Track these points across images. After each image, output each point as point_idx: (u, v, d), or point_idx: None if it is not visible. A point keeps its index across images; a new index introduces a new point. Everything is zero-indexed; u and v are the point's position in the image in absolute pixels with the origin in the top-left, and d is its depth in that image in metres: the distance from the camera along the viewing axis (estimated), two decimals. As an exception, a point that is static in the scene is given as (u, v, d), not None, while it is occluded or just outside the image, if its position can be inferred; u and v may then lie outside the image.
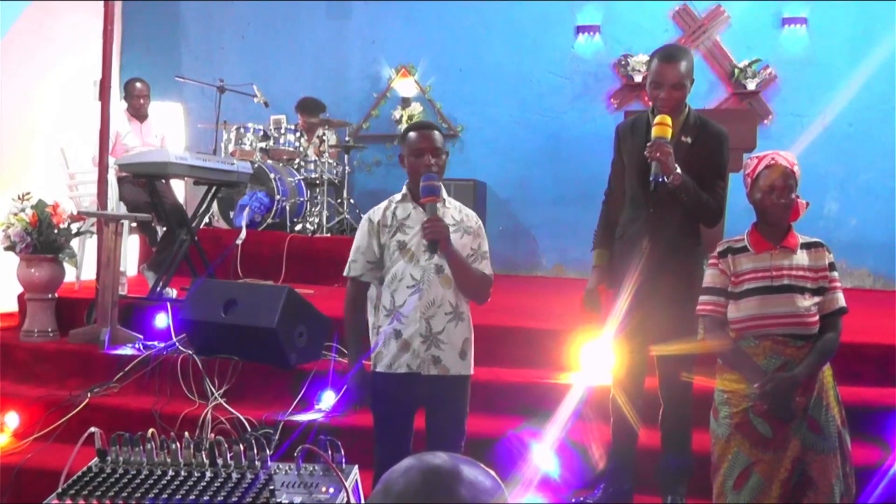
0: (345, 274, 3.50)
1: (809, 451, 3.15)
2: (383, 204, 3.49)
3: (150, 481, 2.46)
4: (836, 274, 3.29)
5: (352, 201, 8.46)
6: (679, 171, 3.53)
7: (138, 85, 7.26)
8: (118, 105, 7.28)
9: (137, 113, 7.25)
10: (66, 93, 8.09)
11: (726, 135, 3.77)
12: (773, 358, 3.19)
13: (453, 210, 3.44)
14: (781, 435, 3.16)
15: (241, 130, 8.25)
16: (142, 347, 5.22)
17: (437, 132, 3.41)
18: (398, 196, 3.47)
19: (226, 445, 2.53)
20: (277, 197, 7.77)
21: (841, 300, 3.26)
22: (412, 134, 3.40)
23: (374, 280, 3.45)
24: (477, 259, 3.42)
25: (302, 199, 8.16)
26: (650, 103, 3.81)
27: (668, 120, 3.57)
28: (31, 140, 7.67)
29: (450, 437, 3.43)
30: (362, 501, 2.43)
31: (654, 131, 3.57)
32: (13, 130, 7.39)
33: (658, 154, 3.51)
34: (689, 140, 3.69)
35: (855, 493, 3.27)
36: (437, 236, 3.21)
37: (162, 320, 5.38)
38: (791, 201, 3.23)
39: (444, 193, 3.42)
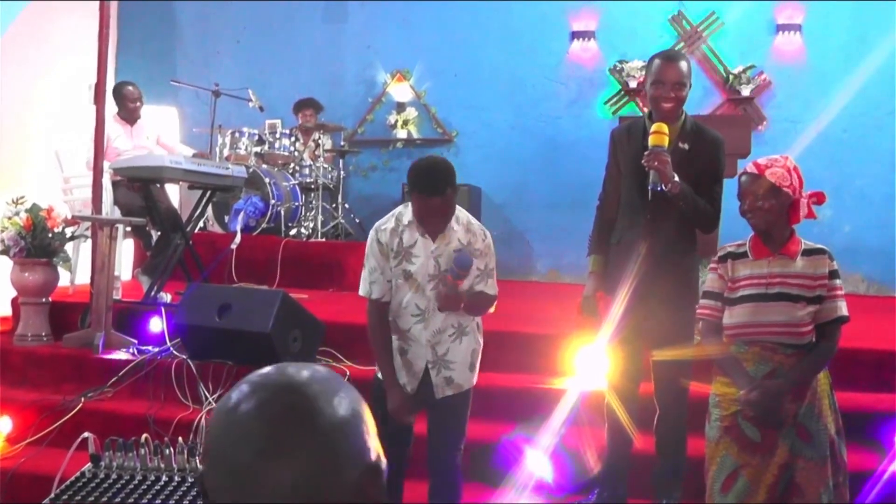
0: (364, 295, 3.43)
1: (798, 458, 3.13)
2: (390, 223, 3.39)
3: (144, 486, 2.46)
4: (837, 282, 3.21)
5: (347, 206, 8.46)
6: (677, 178, 3.53)
7: (130, 88, 7.20)
8: (111, 109, 7.26)
9: (130, 116, 7.19)
10: (62, 96, 8.08)
11: (723, 141, 3.78)
12: (761, 364, 3.17)
13: (460, 231, 3.37)
14: (770, 440, 3.14)
15: (237, 135, 8.24)
16: (136, 352, 5.21)
17: (447, 193, 3.21)
18: (405, 218, 3.37)
19: (220, 450, 2.52)
20: (272, 201, 7.76)
21: (841, 309, 3.19)
22: (416, 196, 3.22)
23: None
24: (483, 278, 3.41)
25: (297, 203, 8.15)
26: (646, 109, 3.81)
27: (665, 128, 3.58)
28: (26, 143, 7.65)
29: (450, 445, 3.45)
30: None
31: (651, 140, 3.57)
32: (9, 133, 7.38)
33: (656, 163, 3.51)
34: (686, 146, 3.69)
35: (849, 500, 3.27)
36: (448, 309, 3.28)
37: (156, 325, 5.36)
38: (768, 207, 3.17)
39: (456, 211, 3.38)
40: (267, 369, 1.21)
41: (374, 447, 1.22)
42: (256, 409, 1.14)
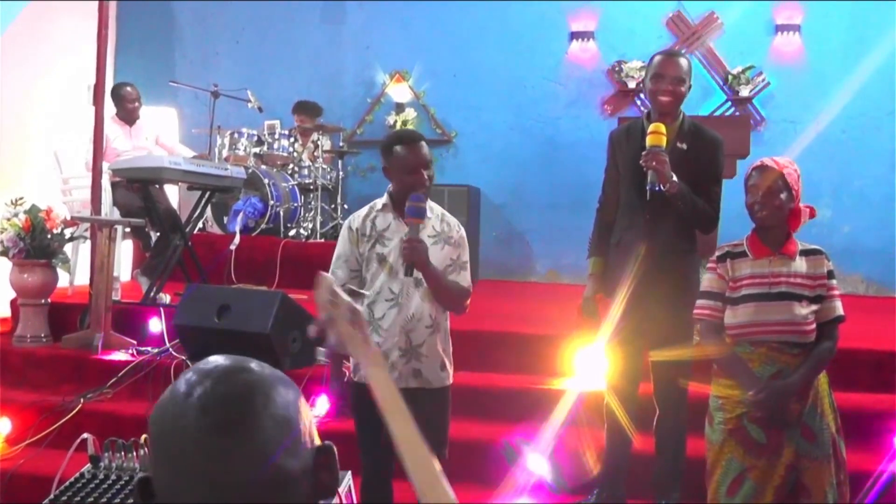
0: None
1: (803, 459, 3.15)
2: (364, 210, 3.44)
3: (143, 487, 2.45)
4: (834, 282, 3.27)
5: (346, 206, 8.44)
6: (675, 178, 3.54)
7: (128, 89, 7.21)
8: (110, 109, 7.26)
9: (129, 117, 7.20)
10: (61, 97, 8.08)
11: (721, 141, 3.79)
12: (767, 365, 3.18)
13: (435, 220, 3.39)
14: (775, 441, 3.15)
15: (236, 135, 8.23)
16: (135, 353, 5.20)
17: (424, 142, 3.34)
18: (379, 204, 3.41)
19: (219, 451, 2.52)
20: (271, 202, 7.75)
21: (839, 308, 3.24)
22: (400, 148, 3.29)
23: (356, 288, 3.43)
24: (455, 270, 3.40)
25: (296, 204, 8.14)
26: (644, 110, 3.82)
27: (663, 128, 3.59)
28: (25, 144, 7.65)
29: (432, 448, 3.42)
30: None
31: (649, 140, 3.58)
32: (8, 134, 7.37)
33: (654, 163, 3.52)
34: (684, 146, 3.70)
35: (849, 500, 3.27)
36: (414, 258, 3.19)
37: (155, 325, 5.36)
38: (780, 204, 3.20)
39: (428, 202, 3.38)
40: (209, 360, 1.20)
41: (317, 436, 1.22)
42: (212, 388, 1.13)
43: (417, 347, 3.36)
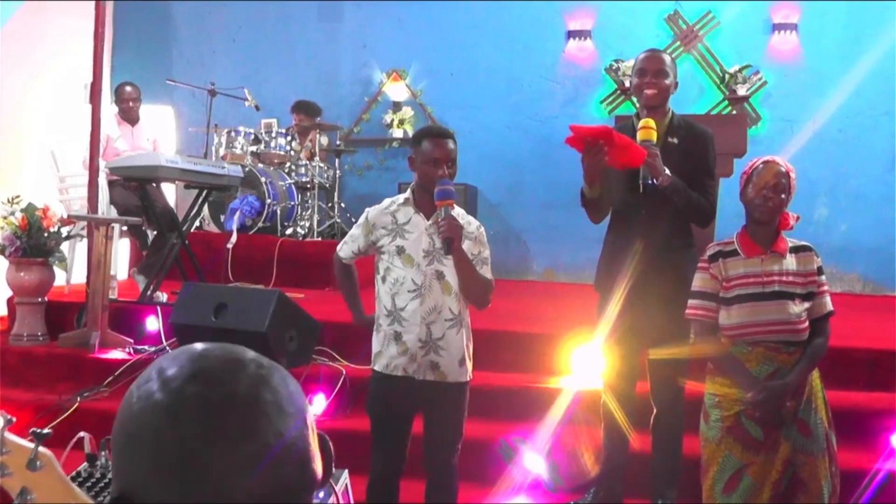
0: (336, 250, 3.60)
1: (799, 454, 3.17)
2: (385, 202, 3.49)
3: (140, 486, 2.45)
4: (823, 278, 3.30)
5: (342, 205, 8.45)
6: (668, 172, 3.55)
7: (128, 88, 7.25)
8: (109, 108, 7.26)
9: (128, 116, 7.23)
10: (57, 95, 8.06)
11: (711, 135, 3.83)
12: (765, 364, 3.19)
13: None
14: (772, 438, 3.17)
15: (232, 134, 8.22)
16: (132, 351, 5.20)
17: (452, 140, 3.41)
18: (401, 198, 3.46)
19: (216, 450, 2.52)
20: (268, 201, 7.75)
21: (828, 304, 3.27)
22: (427, 142, 3.37)
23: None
24: (478, 264, 3.42)
25: (293, 202, 8.14)
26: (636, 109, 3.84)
27: (652, 123, 3.62)
28: (22, 143, 7.64)
29: (446, 444, 3.44)
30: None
31: (639, 135, 3.61)
32: (5, 133, 7.36)
33: (646, 157, 3.54)
34: (675, 141, 3.73)
35: (840, 493, 3.29)
36: (452, 234, 3.22)
37: (152, 324, 5.36)
38: (781, 202, 3.23)
39: None
40: (199, 349, 1.11)
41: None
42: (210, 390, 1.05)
43: (437, 340, 3.36)
